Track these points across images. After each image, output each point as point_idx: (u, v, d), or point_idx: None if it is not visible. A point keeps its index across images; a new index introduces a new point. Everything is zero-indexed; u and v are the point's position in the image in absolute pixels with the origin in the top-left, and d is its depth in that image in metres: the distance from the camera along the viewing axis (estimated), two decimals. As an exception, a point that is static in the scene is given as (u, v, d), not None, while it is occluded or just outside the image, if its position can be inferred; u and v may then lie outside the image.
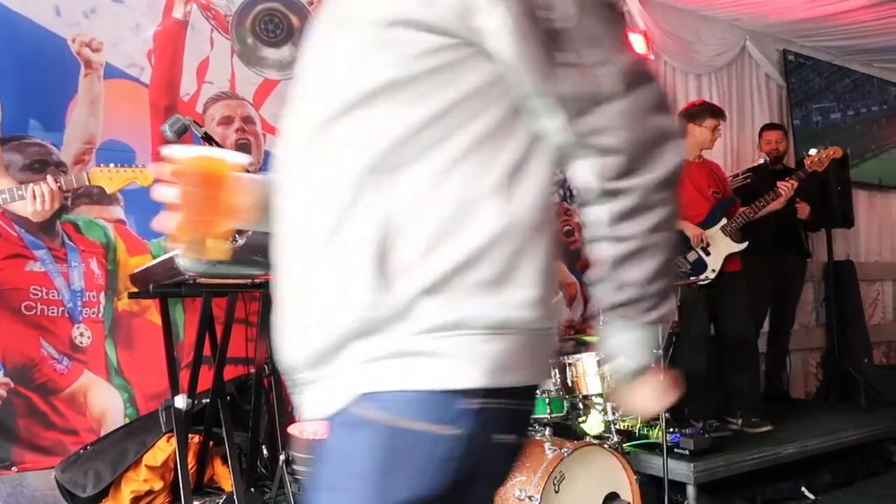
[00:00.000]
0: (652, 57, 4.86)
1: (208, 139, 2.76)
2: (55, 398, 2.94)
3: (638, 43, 4.80)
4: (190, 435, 2.68)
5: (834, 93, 5.81)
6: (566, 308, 4.34)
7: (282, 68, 3.57)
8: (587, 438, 2.88)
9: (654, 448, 3.16)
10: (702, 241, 3.72)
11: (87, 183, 2.35)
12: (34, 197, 2.23)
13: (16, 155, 2.92)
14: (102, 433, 2.95)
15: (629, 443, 3.19)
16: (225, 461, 2.80)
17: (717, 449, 3.26)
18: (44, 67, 3.00)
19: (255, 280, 2.37)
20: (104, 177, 2.35)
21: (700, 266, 3.74)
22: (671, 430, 3.25)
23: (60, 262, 2.99)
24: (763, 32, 5.45)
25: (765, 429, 3.77)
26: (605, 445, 2.67)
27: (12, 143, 2.90)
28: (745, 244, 3.78)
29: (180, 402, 2.53)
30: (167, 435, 2.75)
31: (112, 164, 2.37)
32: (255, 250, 2.24)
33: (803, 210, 4.03)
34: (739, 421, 3.85)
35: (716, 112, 3.90)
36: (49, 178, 2.27)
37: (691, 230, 3.73)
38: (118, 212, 3.12)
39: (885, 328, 5.95)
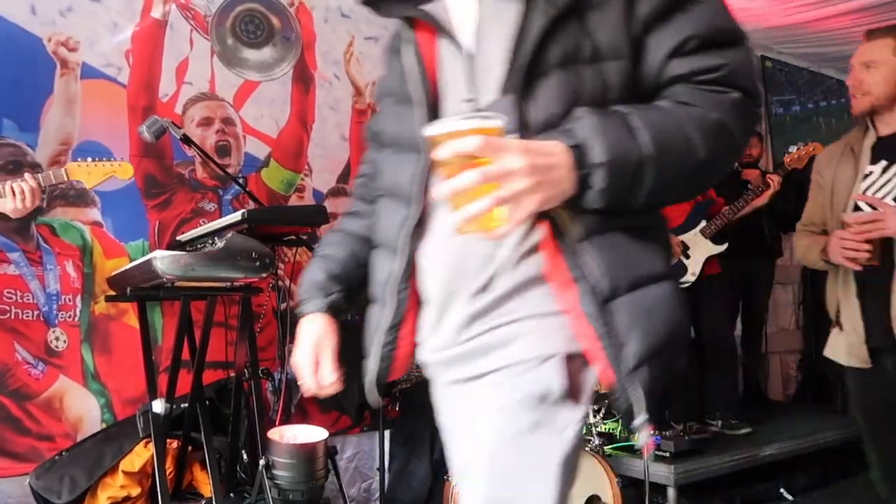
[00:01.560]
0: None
1: (187, 141, 2.73)
2: (30, 403, 2.88)
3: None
4: (168, 440, 2.64)
5: (794, 85, 5.88)
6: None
7: (262, 69, 3.54)
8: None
9: (634, 451, 3.18)
10: (679, 248, 3.74)
11: (66, 178, 2.33)
12: (13, 194, 2.19)
13: (-11, 156, 2.87)
14: (79, 439, 2.90)
15: (610, 445, 3.21)
16: (204, 466, 2.76)
17: (696, 451, 3.28)
18: (18, 67, 2.95)
19: (235, 283, 2.35)
20: (83, 171, 2.34)
21: (679, 270, 3.77)
22: (652, 432, 3.27)
23: (35, 264, 2.93)
24: (741, 38, 5.52)
25: (743, 431, 3.81)
26: (587, 448, 2.68)
27: (-14, 144, 2.85)
28: (725, 246, 3.81)
29: (158, 406, 2.49)
30: (145, 440, 2.71)
31: (90, 159, 2.38)
32: (235, 253, 2.22)
33: (775, 180, 3.98)
34: (719, 423, 3.88)
35: None
36: (27, 175, 2.25)
37: None
38: (95, 214, 3.08)
39: (861, 330, 6.04)
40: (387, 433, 3.31)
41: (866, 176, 2.20)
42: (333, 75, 3.75)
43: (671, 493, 3.08)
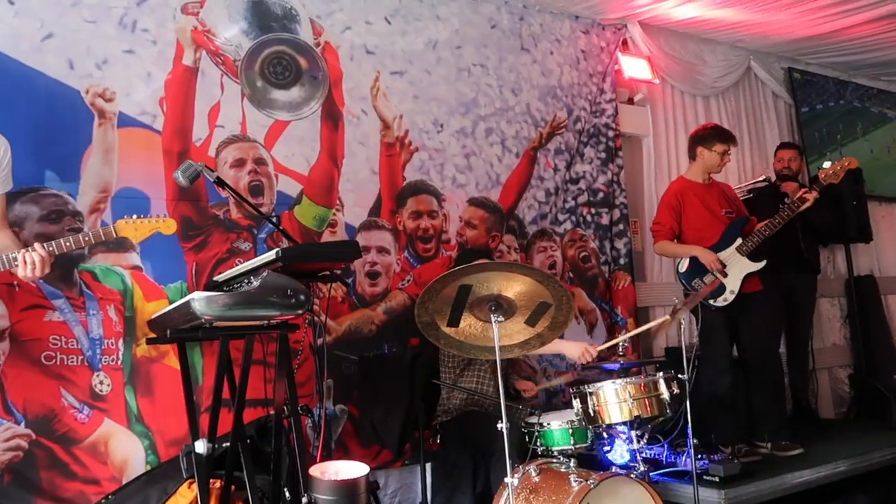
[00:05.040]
0: (657, 81, 4.89)
1: (220, 183, 2.78)
2: (76, 448, 2.93)
3: (642, 68, 4.84)
4: (211, 480, 2.65)
5: (823, 95, 5.78)
6: (587, 336, 4.29)
7: (291, 109, 3.61)
8: (613, 468, 2.82)
9: (682, 476, 3.09)
10: (718, 265, 3.66)
11: (115, 236, 2.43)
12: (24, 264, 2.27)
13: (32, 207, 2.96)
14: (124, 481, 2.93)
15: (656, 471, 3.12)
16: (247, 505, 2.76)
17: (747, 475, 3.19)
18: (58, 119, 3.05)
19: (272, 321, 2.36)
20: (130, 228, 2.44)
21: (718, 288, 3.70)
22: (700, 456, 3.18)
23: (79, 310, 3.00)
24: (766, 52, 5.48)
25: (795, 452, 3.69)
26: (632, 475, 2.62)
27: (29, 195, 2.95)
28: (763, 263, 3.73)
29: (200, 446, 2.50)
30: (188, 481, 2.72)
31: (136, 216, 2.46)
32: (271, 291, 2.24)
33: (811, 197, 3.85)
34: (768, 444, 3.77)
35: (725, 137, 3.90)
36: (37, 245, 2.30)
37: (706, 257, 3.68)
38: (134, 258, 3.14)
39: (912, 342, 5.84)
40: (428, 466, 3.27)
41: None
42: (361, 111, 3.80)
43: (723, 519, 2.98)
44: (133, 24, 3.26)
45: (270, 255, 2.31)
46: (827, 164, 3.88)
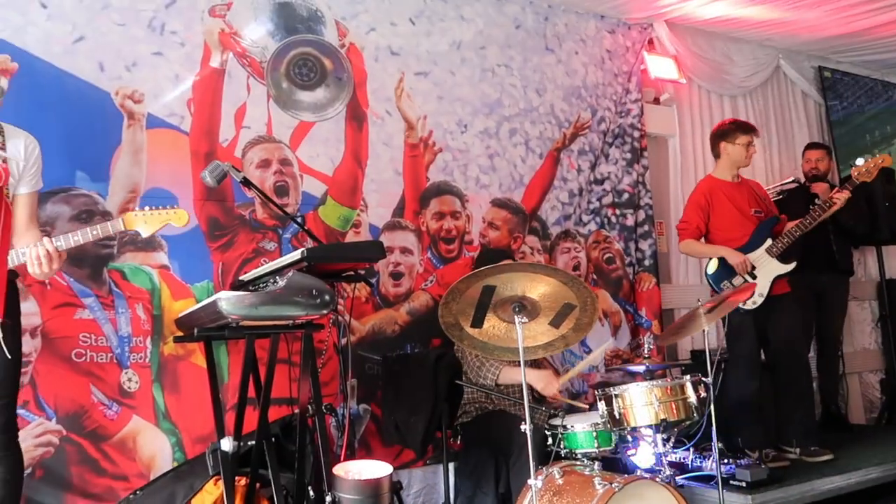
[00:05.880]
0: (684, 80, 4.84)
1: (247, 183, 2.81)
2: (105, 444, 2.97)
3: (668, 67, 4.79)
4: (237, 477, 2.67)
5: (855, 94, 5.66)
6: (612, 337, 4.26)
7: (316, 110, 3.64)
8: (638, 472, 2.79)
9: (708, 480, 3.06)
10: (747, 267, 3.62)
11: (123, 228, 2.33)
12: (31, 261, 2.21)
13: (64, 206, 3.01)
14: (151, 477, 2.97)
15: (682, 475, 3.09)
16: (272, 503, 2.78)
17: (775, 480, 3.14)
18: (89, 120, 3.11)
19: (297, 321, 2.38)
20: (139, 220, 2.34)
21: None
22: (726, 461, 3.14)
23: (108, 308, 3.05)
24: (796, 50, 5.39)
25: (825, 457, 3.62)
26: (658, 479, 2.59)
27: (60, 195, 3.00)
28: (793, 265, 3.67)
29: (226, 444, 2.53)
30: (214, 478, 2.75)
31: (147, 208, 2.37)
32: (296, 291, 2.25)
33: (841, 198, 3.77)
34: (797, 450, 3.70)
35: (746, 128, 3.85)
36: (45, 238, 2.24)
37: (735, 258, 3.63)
38: (162, 258, 3.19)
39: (946, 347, 5.70)
40: (451, 466, 3.27)
41: None
42: (385, 111, 3.81)
43: (749, 524, 2.94)
44: (161, 26, 3.31)
45: (296, 255, 2.33)
46: (860, 161, 3.80)
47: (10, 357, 2.25)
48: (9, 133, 2.34)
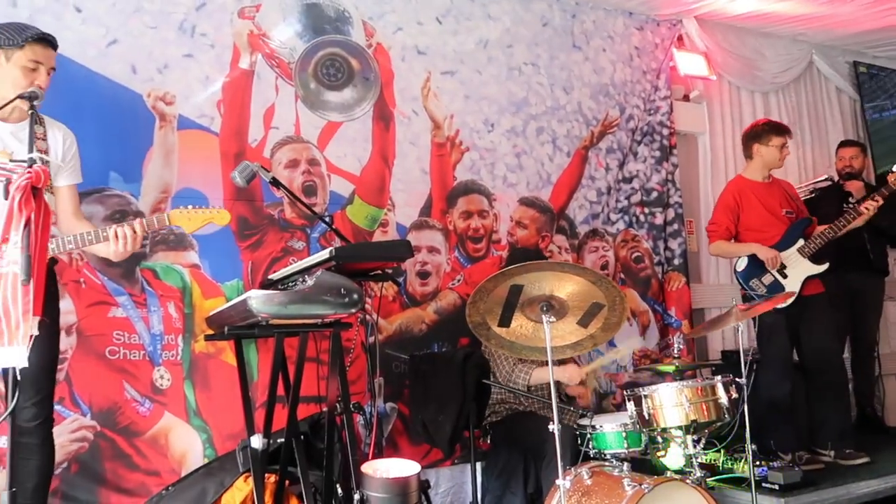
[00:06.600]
0: (714, 77, 4.77)
1: (276, 183, 2.84)
2: (138, 440, 3.03)
3: (698, 64, 4.73)
4: (266, 474, 2.70)
5: (892, 89, 5.52)
6: (640, 337, 4.22)
7: (344, 110, 3.66)
8: (668, 473, 2.76)
9: (740, 483, 3.01)
10: (777, 263, 3.57)
11: (168, 223, 2.41)
12: (116, 237, 2.29)
13: (97, 206, 3.07)
14: (183, 474, 3.02)
15: (713, 477, 3.05)
16: (301, 500, 2.80)
17: (808, 483, 3.08)
18: (121, 122, 3.16)
19: (325, 319, 2.40)
20: (183, 217, 2.41)
21: (776, 289, 3.59)
22: (758, 463, 3.09)
23: (141, 307, 3.10)
24: (830, 45, 5.28)
25: (861, 461, 3.55)
26: (688, 480, 2.56)
27: (94, 195, 3.06)
28: (825, 266, 3.61)
29: (256, 441, 2.56)
30: (244, 475, 2.78)
31: (190, 206, 2.44)
32: (325, 290, 2.27)
33: (872, 207, 3.68)
34: (831, 452, 3.63)
35: (780, 130, 3.79)
36: (135, 221, 2.34)
37: (765, 253, 3.58)
38: (193, 257, 3.23)
39: None
40: (478, 466, 3.27)
41: None
42: (412, 111, 3.82)
43: (782, 528, 2.89)
44: (192, 28, 3.35)
45: (325, 254, 2.34)
46: None
47: (44, 355, 2.29)
48: (48, 124, 2.43)
